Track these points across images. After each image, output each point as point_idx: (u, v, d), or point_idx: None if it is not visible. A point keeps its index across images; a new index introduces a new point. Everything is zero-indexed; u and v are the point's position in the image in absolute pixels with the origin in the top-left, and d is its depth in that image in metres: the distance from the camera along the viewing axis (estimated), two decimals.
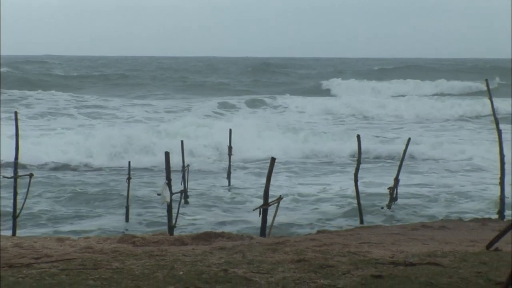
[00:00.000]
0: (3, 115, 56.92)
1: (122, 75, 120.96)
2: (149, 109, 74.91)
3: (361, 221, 24.92)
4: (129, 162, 27.20)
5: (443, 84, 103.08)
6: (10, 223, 21.26)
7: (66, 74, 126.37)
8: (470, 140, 51.41)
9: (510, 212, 22.96)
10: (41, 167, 39.06)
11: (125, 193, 26.54)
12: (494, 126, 24.59)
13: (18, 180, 21.17)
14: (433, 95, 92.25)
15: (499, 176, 24.34)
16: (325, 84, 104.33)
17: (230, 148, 33.59)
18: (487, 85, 25.68)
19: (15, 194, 20.86)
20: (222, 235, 16.49)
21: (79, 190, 32.84)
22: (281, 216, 22.90)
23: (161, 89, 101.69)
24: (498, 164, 24.60)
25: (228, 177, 34.08)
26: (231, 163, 34.35)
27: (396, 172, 28.26)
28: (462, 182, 35.97)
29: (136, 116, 70.32)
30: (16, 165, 21.52)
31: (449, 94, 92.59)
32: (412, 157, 34.79)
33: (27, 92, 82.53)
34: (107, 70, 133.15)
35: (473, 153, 44.72)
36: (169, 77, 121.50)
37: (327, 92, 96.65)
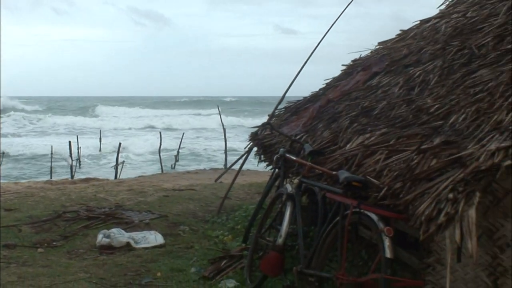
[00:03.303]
0: None
1: None
2: None
3: (162, 171, 25.38)
4: (51, 146, 27.72)
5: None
6: None
7: None
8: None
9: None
10: None
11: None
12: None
13: None
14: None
15: (224, 150, 25.90)
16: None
17: (100, 139, 34.17)
18: (218, 108, 27.27)
19: None
20: (94, 179, 17.10)
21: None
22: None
23: None
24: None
25: (100, 144, 34.21)
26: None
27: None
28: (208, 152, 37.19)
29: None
30: None
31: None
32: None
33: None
34: None
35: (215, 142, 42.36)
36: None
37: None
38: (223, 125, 27.01)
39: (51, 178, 24.39)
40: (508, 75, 6.00)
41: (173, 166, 29.59)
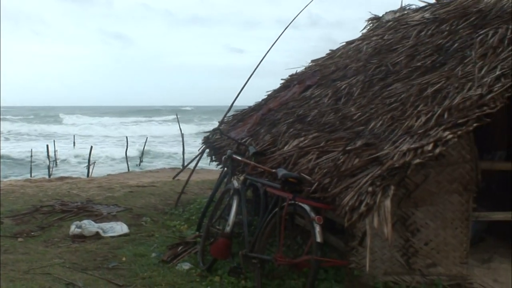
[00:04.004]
0: None
1: None
2: None
3: (128, 170, 24.89)
4: (31, 150, 26.70)
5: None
6: None
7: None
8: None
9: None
10: None
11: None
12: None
13: None
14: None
15: (182, 151, 25.58)
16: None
17: (74, 143, 33.28)
18: (177, 116, 26.89)
19: None
20: (68, 177, 16.41)
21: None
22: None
23: None
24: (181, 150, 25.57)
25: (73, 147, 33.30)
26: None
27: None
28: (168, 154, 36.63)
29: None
30: None
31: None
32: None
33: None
34: None
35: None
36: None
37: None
38: (181, 130, 26.71)
39: (31, 176, 23.92)
40: (417, 88, 6.12)
41: (138, 164, 29.28)
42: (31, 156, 26.36)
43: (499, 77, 5.27)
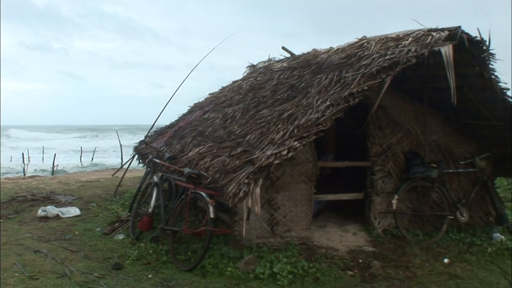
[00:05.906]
0: None
1: None
2: None
3: (81, 166, 23.68)
4: (11, 156, 24.56)
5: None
6: None
7: None
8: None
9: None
10: None
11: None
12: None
13: None
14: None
15: (120, 156, 24.19)
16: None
17: (43, 151, 30.70)
18: (117, 132, 25.84)
19: None
20: (37, 176, 14.96)
21: None
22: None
23: None
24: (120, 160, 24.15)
25: (43, 155, 31.25)
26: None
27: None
28: (109, 158, 34.98)
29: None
30: None
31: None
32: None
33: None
34: None
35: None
36: None
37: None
38: (119, 141, 25.70)
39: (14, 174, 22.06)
40: (278, 113, 6.17)
41: (91, 159, 27.92)
42: (11, 161, 24.53)
43: (329, 106, 5.41)
